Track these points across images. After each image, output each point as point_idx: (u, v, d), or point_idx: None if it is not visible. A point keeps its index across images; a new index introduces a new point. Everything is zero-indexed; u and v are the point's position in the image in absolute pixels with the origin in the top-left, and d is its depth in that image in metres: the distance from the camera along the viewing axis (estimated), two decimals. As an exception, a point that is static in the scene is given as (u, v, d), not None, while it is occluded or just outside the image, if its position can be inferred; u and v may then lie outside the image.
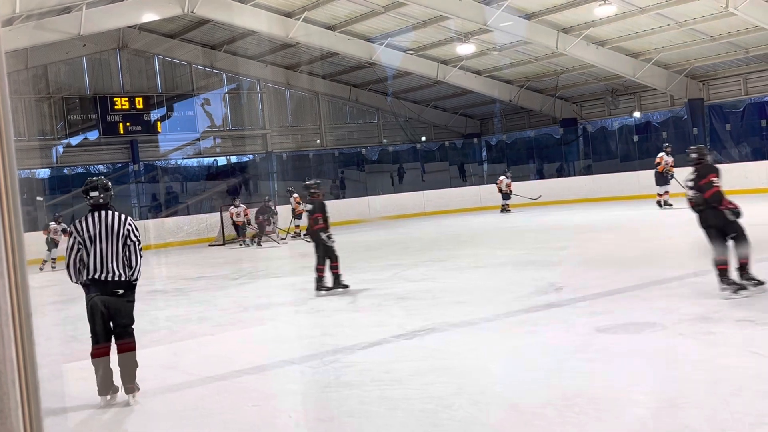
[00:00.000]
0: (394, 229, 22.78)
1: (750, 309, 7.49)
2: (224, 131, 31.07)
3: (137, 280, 6.41)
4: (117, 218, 6.38)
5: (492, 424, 5.00)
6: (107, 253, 6.25)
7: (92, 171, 27.99)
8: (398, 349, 7.27)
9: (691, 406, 4.97)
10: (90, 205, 6.42)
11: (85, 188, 6.46)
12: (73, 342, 9.12)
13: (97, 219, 6.34)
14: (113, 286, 6.24)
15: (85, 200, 6.47)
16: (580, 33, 24.15)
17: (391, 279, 12.16)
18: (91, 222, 6.33)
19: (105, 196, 6.45)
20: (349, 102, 33.89)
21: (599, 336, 7.00)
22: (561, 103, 31.50)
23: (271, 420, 5.60)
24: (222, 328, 9.39)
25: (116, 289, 6.25)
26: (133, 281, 6.36)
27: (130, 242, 6.32)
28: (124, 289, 6.29)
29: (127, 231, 6.34)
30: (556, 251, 13.92)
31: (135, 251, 6.34)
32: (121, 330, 6.34)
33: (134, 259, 6.32)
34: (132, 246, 6.33)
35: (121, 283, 6.27)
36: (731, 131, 26.86)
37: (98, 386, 6.24)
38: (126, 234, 6.32)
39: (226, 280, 14.15)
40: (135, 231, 6.40)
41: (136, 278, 6.39)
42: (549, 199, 27.50)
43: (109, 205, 6.48)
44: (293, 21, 24.67)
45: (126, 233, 6.33)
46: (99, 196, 6.43)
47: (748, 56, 24.89)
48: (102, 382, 6.24)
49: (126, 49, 28.61)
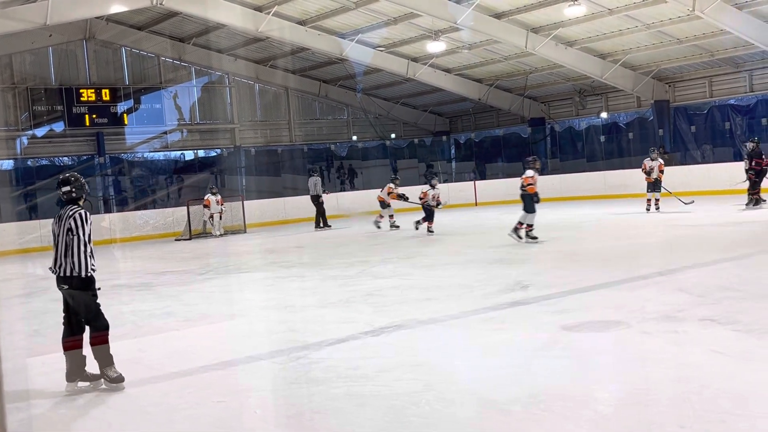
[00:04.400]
0: (362, 225, 22.76)
1: (714, 309, 7.60)
2: (192, 125, 30.81)
3: (87, 275, 6.36)
4: (70, 213, 6.44)
5: (459, 421, 5.02)
6: (59, 247, 6.40)
7: (57, 163, 27.60)
8: (366, 346, 7.27)
9: (655, 404, 5.03)
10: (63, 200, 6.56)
11: (58, 182, 6.59)
12: (37, 336, 9.00)
13: (62, 213, 6.50)
14: (62, 281, 6.40)
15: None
16: (550, 33, 24.32)
17: (359, 276, 12.15)
18: (57, 217, 6.52)
19: (77, 191, 6.55)
20: (318, 98, 33.79)
21: (565, 334, 7.06)
22: (529, 103, 31.70)
23: (237, 416, 5.56)
24: (188, 324, 9.31)
25: (64, 284, 6.39)
26: (83, 276, 6.33)
27: (72, 236, 6.34)
28: (72, 284, 6.35)
29: (69, 225, 6.37)
30: (523, 249, 14.00)
31: (75, 245, 6.32)
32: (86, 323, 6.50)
33: (73, 253, 6.32)
34: (74, 239, 6.32)
35: (70, 279, 6.35)
36: (695, 133, 27.23)
37: (66, 373, 6.42)
38: (68, 227, 6.37)
39: (192, 275, 14.04)
40: (76, 224, 6.37)
41: (84, 274, 6.33)
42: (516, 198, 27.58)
43: (82, 200, 6.59)
44: (263, 15, 24.53)
45: (68, 226, 6.37)
46: (70, 191, 6.52)
47: (714, 59, 25.25)
48: (69, 370, 6.42)
49: (93, 40, 28.22)
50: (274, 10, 24.26)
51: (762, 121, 25.06)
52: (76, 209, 6.48)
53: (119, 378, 6.39)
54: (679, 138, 27.54)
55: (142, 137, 29.52)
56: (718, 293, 8.32)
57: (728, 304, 7.79)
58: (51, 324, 9.54)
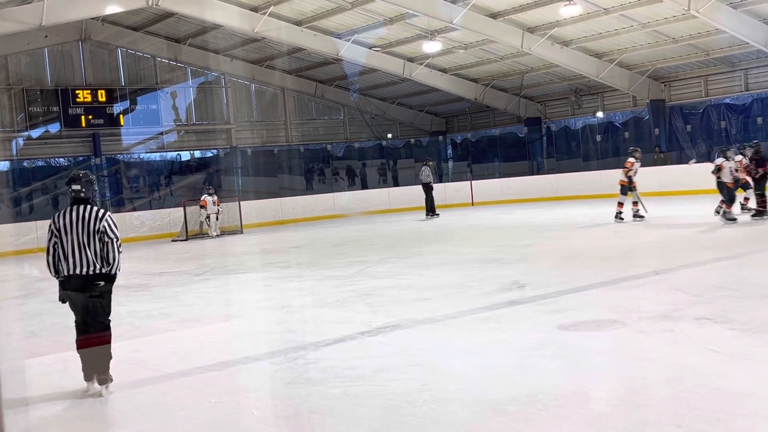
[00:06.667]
0: (359, 225, 22.77)
1: (709, 308, 7.62)
2: (188, 125, 30.78)
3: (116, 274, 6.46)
4: (99, 214, 6.40)
5: (455, 421, 5.03)
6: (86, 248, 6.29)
7: (53, 164, 27.58)
8: (362, 346, 7.29)
9: (651, 403, 5.05)
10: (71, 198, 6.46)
11: (68, 180, 6.50)
12: (34, 337, 9.00)
13: (75, 212, 6.37)
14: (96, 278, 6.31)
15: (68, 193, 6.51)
16: (545, 33, 24.35)
17: (356, 275, 12.16)
18: (70, 214, 6.37)
19: (87, 190, 6.48)
20: (315, 98, 33.78)
21: (561, 333, 7.08)
22: (525, 102, 31.73)
23: (234, 416, 5.57)
24: (185, 324, 9.32)
25: (97, 281, 6.32)
26: (112, 273, 6.41)
27: (108, 238, 6.34)
28: (107, 280, 6.37)
29: (102, 227, 6.33)
30: (519, 249, 14.02)
31: (112, 247, 6.36)
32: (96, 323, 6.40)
33: (108, 253, 6.34)
34: (111, 242, 6.35)
35: (105, 276, 6.35)
36: (691, 132, 27.27)
37: (83, 372, 6.33)
38: (101, 230, 6.32)
39: (189, 276, 14.03)
40: (110, 227, 6.39)
41: (116, 271, 6.44)
42: (512, 198, 27.72)
43: (90, 200, 6.51)
44: (259, 15, 24.53)
45: (101, 229, 6.33)
46: (81, 190, 6.45)
47: (709, 58, 25.30)
48: (86, 369, 6.33)
49: (89, 40, 28.19)
50: (270, 11, 24.25)
51: (757, 121, 25.10)
52: (103, 211, 6.46)
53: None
54: (674, 137, 27.59)
55: (138, 138, 29.48)
56: (713, 292, 8.34)
57: (724, 303, 7.81)
58: (48, 325, 9.55)
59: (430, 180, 23.64)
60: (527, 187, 28.57)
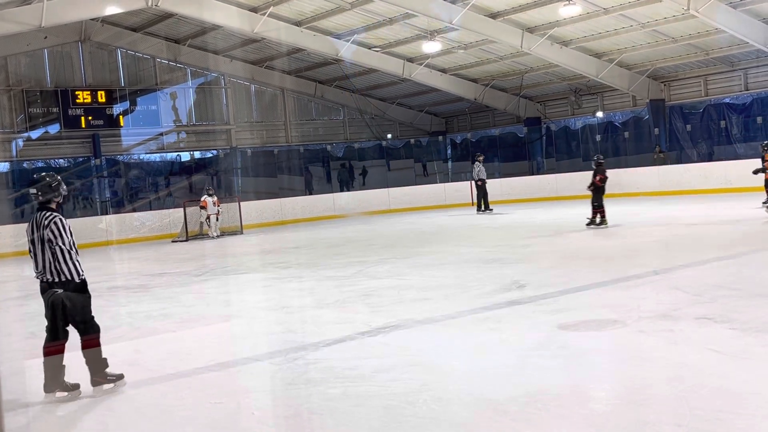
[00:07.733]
0: (358, 225, 22.77)
1: (709, 307, 7.62)
2: (188, 126, 30.78)
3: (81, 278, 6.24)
4: (45, 221, 6.18)
5: (455, 421, 5.03)
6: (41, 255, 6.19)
7: (53, 165, 27.56)
8: (362, 346, 7.28)
9: (651, 402, 5.05)
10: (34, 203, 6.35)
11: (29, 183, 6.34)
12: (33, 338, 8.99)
13: (34, 219, 6.26)
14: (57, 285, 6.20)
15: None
16: (545, 33, 24.35)
17: (355, 276, 12.16)
18: (32, 222, 6.28)
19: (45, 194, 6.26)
20: (314, 98, 33.78)
21: (561, 333, 7.07)
22: (525, 102, 31.74)
23: (234, 417, 5.57)
24: (185, 325, 9.31)
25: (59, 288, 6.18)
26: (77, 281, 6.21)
27: (54, 245, 6.14)
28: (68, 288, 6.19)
29: (47, 236, 6.14)
30: (519, 249, 14.02)
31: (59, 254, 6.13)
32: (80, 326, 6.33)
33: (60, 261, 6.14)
34: (57, 249, 6.14)
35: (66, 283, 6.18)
36: (691, 132, 27.27)
37: (44, 384, 6.21)
38: (47, 238, 6.15)
39: (189, 277, 14.03)
40: (54, 234, 6.13)
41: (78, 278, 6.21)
42: (512, 198, 27.71)
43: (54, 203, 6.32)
44: (259, 16, 24.53)
45: (47, 237, 6.14)
46: (37, 194, 6.24)
47: (708, 58, 25.30)
48: (48, 380, 6.21)
49: (88, 41, 28.20)
50: (269, 11, 24.25)
51: (757, 120, 25.10)
52: (51, 216, 6.20)
53: (120, 375, 6.39)
54: (674, 137, 27.59)
55: (138, 139, 29.49)
56: (713, 292, 8.34)
57: (724, 302, 7.81)
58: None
59: (484, 176, 24.14)
60: (527, 187, 28.57)
